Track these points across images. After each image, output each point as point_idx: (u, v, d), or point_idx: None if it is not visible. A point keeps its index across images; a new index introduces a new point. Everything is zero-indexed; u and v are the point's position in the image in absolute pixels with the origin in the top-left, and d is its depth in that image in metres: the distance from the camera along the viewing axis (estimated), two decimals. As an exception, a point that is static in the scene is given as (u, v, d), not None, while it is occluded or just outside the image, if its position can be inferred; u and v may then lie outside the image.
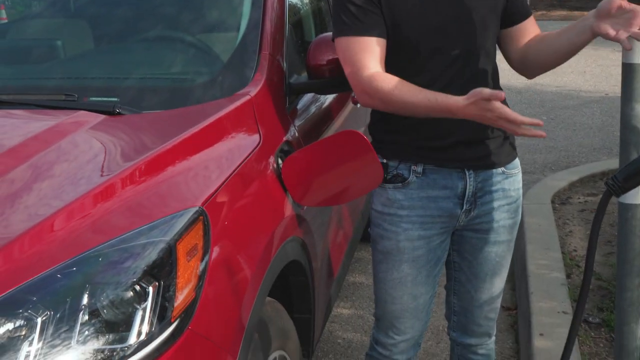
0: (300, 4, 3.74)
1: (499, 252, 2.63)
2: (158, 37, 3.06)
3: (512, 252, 2.71)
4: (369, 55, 2.33)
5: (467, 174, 2.49)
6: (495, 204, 2.55)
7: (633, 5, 2.25)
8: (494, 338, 2.84)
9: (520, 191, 2.65)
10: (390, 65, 2.37)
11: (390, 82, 2.29)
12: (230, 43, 2.90)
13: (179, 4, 3.19)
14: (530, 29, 2.61)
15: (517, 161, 2.63)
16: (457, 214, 2.51)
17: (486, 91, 2.11)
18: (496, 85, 2.55)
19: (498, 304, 2.76)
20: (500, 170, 2.54)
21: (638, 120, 2.60)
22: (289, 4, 3.21)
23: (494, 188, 2.54)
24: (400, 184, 2.48)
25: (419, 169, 2.47)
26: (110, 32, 3.15)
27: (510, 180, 2.58)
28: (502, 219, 2.58)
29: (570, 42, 2.48)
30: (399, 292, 2.59)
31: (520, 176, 2.65)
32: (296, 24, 3.48)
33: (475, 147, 2.46)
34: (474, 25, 2.41)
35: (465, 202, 2.50)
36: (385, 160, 2.48)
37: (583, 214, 5.35)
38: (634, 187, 2.36)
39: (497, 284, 2.69)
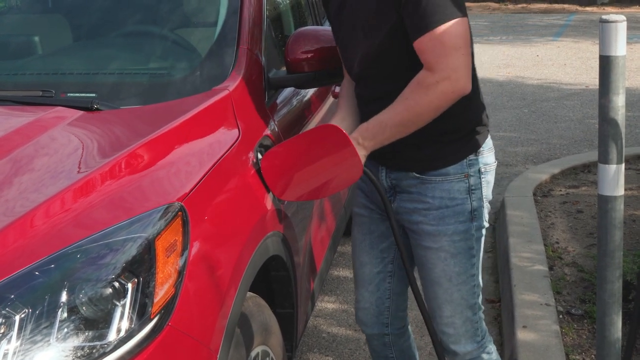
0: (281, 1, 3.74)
1: (429, 257, 2.57)
2: (135, 32, 3.05)
3: (465, 270, 2.56)
4: None
5: (379, 168, 2.58)
6: (412, 205, 2.55)
7: None
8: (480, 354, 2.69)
9: (448, 201, 2.51)
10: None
11: None
12: (208, 38, 2.89)
13: (150, 3, 3.17)
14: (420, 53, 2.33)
15: (448, 169, 2.50)
16: (379, 199, 2.60)
17: None
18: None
19: (456, 320, 2.61)
20: (412, 174, 2.52)
21: (616, 112, 2.61)
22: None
23: (411, 189, 2.54)
24: None
25: None
26: (87, 27, 3.13)
27: (428, 186, 2.51)
28: (420, 222, 2.54)
29: None
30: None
31: (451, 185, 2.51)
32: (275, 17, 3.47)
33: (386, 147, 2.43)
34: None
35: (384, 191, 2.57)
36: None
37: (565, 206, 5.37)
38: None
39: (441, 295, 2.58)
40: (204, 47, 2.87)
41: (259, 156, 2.50)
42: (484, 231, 2.60)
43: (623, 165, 2.70)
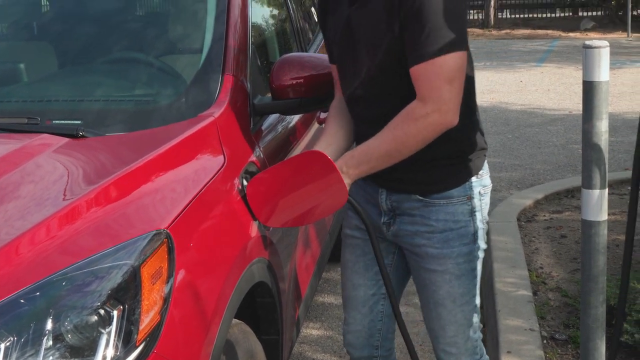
0: (264, 23, 3.76)
1: (433, 280, 2.58)
2: (121, 58, 3.05)
3: (469, 291, 2.59)
4: None
5: (379, 190, 2.58)
6: (414, 227, 2.55)
7: None
8: None
9: (452, 224, 2.52)
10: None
11: None
12: (194, 64, 2.90)
13: (141, 25, 3.20)
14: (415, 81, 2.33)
15: (451, 192, 2.52)
16: (378, 223, 2.61)
17: None
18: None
19: (459, 339, 2.64)
20: (415, 197, 2.53)
21: (599, 137, 2.63)
22: (253, 24, 3.21)
23: (413, 212, 2.55)
24: None
25: None
26: (73, 54, 3.13)
27: (432, 209, 2.52)
28: (424, 245, 2.55)
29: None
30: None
31: (455, 207, 2.52)
32: (260, 44, 3.49)
33: (387, 169, 2.43)
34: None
35: (383, 214, 2.59)
36: None
37: (548, 231, 5.39)
38: None
39: (445, 316, 2.60)
40: (190, 74, 2.88)
41: (245, 182, 2.50)
42: (484, 252, 2.65)
43: (607, 190, 2.72)
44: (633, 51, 16.46)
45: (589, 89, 2.60)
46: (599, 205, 2.67)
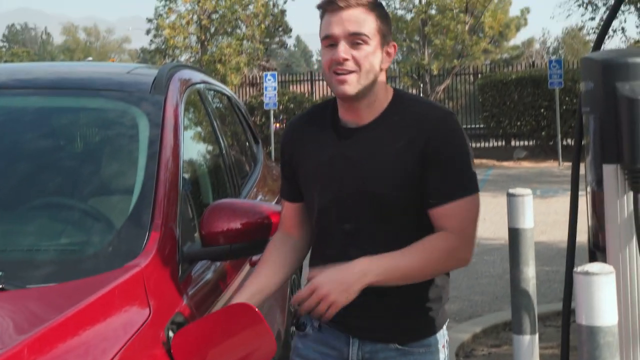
0: (197, 163, 3.75)
1: None
2: (45, 204, 2.98)
3: None
4: None
5: (351, 340, 2.48)
6: None
7: None
8: None
9: None
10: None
11: None
12: (122, 211, 2.86)
13: (69, 167, 3.15)
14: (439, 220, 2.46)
15: (430, 340, 2.49)
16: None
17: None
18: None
19: None
20: (393, 346, 2.46)
21: (527, 283, 2.65)
22: (185, 164, 3.20)
23: None
24: (302, 332, 2.55)
25: (316, 323, 2.51)
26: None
27: (410, 358, 2.46)
28: None
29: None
30: None
31: (433, 356, 2.48)
32: (192, 185, 3.48)
33: (363, 316, 2.41)
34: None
35: None
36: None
37: (487, 366, 5.37)
38: None
39: None
40: (117, 222, 2.83)
41: (171, 334, 2.44)
42: None
43: (537, 335, 2.72)
44: (565, 179, 16.87)
45: (515, 236, 2.64)
46: (530, 350, 2.66)
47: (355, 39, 2.43)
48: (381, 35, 2.48)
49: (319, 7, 2.52)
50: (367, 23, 2.44)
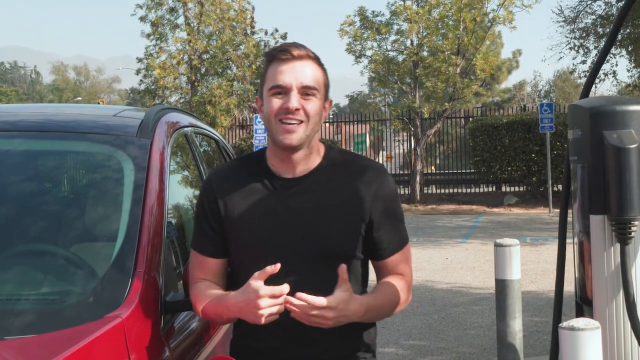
0: (183, 211, 3.71)
1: None
2: (27, 251, 2.93)
3: None
4: None
5: None
6: None
7: None
8: None
9: None
10: None
11: None
12: (104, 260, 2.81)
13: (50, 214, 3.09)
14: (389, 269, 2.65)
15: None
16: None
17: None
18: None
19: None
20: None
21: (513, 336, 2.62)
22: (169, 211, 3.16)
23: None
24: None
25: None
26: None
27: None
28: None
29: None
30: None
31: None
32: (177, 233, 3.43)
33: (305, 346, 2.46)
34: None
35: None
36: None
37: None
38: None
39: None
40: (99, 270, 2.78)
41: (150, 389, 2.40)
42: None
43: (524, 390, 2.68)
44: (555, 227, 16.77)
45: (502, 288, 2.62)
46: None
47: (307, 91, 2.50)
48: (326, 89, 2.59)
49: (268, 54, 2.55)
50: (316, 76, 2.53)
